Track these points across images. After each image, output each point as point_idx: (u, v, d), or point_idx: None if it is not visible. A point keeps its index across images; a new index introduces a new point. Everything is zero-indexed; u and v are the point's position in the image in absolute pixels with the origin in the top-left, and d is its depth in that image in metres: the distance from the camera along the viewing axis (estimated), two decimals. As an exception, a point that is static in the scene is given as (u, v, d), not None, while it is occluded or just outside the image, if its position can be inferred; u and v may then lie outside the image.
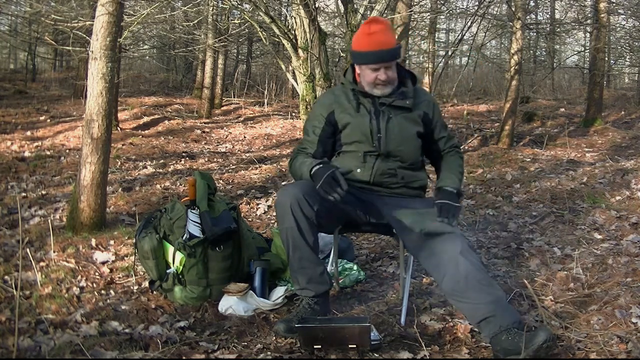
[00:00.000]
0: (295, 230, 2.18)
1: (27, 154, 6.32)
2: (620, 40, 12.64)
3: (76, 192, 3.60)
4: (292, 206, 2.16)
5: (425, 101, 2.43)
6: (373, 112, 2.35)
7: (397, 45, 2.31)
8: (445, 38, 18.00)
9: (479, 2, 7.96)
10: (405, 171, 2.38)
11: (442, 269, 2.10)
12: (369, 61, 2.30)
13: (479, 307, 2.02)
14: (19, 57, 17.28)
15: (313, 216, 2.19)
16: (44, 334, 2.17)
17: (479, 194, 4.58)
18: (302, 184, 2.26)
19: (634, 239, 3.09)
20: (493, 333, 1.99)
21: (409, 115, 2.37)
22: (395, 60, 2.33)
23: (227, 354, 2.07)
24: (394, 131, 2.34)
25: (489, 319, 2.00)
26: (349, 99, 2.40)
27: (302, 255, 2.23)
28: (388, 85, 2.34)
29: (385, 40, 2.27)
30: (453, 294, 2.08)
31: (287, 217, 2.18)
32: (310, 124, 2.46)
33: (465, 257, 2.06)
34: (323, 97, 2.57)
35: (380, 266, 3.12)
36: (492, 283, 2.09)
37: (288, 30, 5.06)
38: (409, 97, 2.37)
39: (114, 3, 3.44)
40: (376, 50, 2.27)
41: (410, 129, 2.37)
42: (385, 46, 2.27)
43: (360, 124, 2.35)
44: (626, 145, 7.60)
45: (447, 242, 2.11)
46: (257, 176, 5.69)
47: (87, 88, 3.58)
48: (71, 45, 6.38)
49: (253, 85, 13.86)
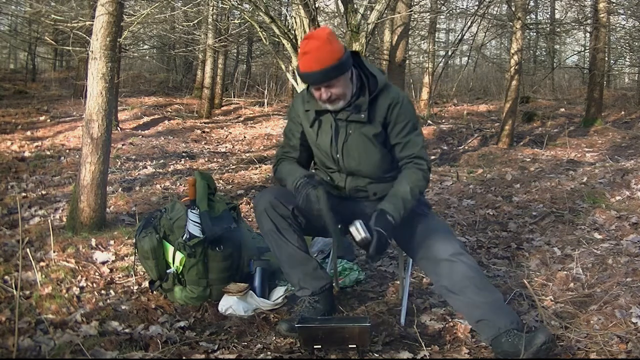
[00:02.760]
0: (274, 232, 2.22)
1: (27, 154, 6.32)
2: (620, 40, 12.65)
3: (76, 192, 3.60)
4: (267, 210, 2.21)
5: (384, 106, 2.19)
6: (334, 127, 2.21)
7: (336, 61, 2.07)
8: (445, 38, 18.01)
9: (479, 2, 7.97)
10: (377, 185, 2.27)
11: (437, 270, 2.09)
12: (308, 82, 2.14)
13: (475, 308, 2.02)
14: (19, 57, 17.29)
15: (290, 215, 2.22)
16: (44, 334, 2.17)
17: (479, 194, 4.58)
18: (275, 189, 2.28)
19: (634, 239, 3.09)
20: (492, 336, 1.99)
21: (367, 128, 2.19)
22: (335, 78, 2.10)
23: (227, 354, 2.07)
24: (352, 150, 2.21)
25: (485, 321, 2.00)
26: (310, 114, 2.27)
27: (289, 254, 2.25)
28: (337, 101, 2.16)
29: (321, 57, 2.06)
30: (449, 295, 2.09)
31: (265, 221, 2.22)
32: (289, 129, 2.37)
33: (459, 258, 2.05)
34: (296, 102, 2.38)
35: (380, 266, 3.13)
36: (488, 284, 2.09)
37: (288, 30, 5.06)
38: (363, 109, 2.17)
39: (114, 3, 3.44)
40: (311, 71, 2.08)
41: (370, 144, 2.20)
42: (320, 66, 2.06)
43: (321, 142, 2.26)
44: (626, 145, 7.60)
45: (441, 243, 2.10)
46: (257, 176, 5.69)
47: (87, 88, 3.57)
48: (71, 45, 6.37)
49: (253, 85, 13.87)
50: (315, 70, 2.08)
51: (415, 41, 13.76)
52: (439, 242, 2.11)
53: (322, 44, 2.07)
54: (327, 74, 2.08)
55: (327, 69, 2.07)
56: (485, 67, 15.15)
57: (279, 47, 10.16)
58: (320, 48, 2.07)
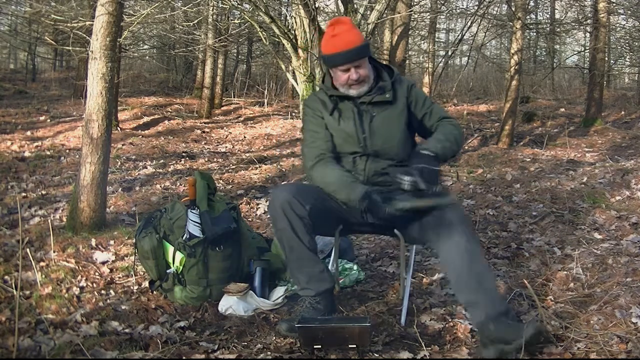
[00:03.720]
0: (289, 231, 2.19)
1: (27, 154, 6.32)
2: (620, 40, 12.65)
3: (76, 192, 3.60)
4: (284, 207, 2.17)
5: (404, 87, 2.37)
6: (356, 112, 2.32)
7: (363, 43, 2.28)
8: (445, 38, 18.01)
9: (479, 2, 7.97)
10: (396, 169, 2.32)
11: (444, 239, 2.07)
12: (338, 63, 2.27)
13: (465, 287, 2.02)
14: (19, 57, 17.30)
15: (306, 215, 2.19)
16: (44, 334, 2.17)
17: (479, 194, 4.58)
18: (294, 186, 2.28)
19: (634, 239, 3.09)
20: (479, 319, 1.99)
21: (392, 108, 2.33)
22: (364, 58, 2.29)
23: (227, 354, 2.07)
24: (378, 129, 2.31)
25: (473, 303, 2.01)
26: (327, 105, 2.36)
27: (300, 255, 2.23)
28: (363, 84, 2.30)
29: (351, 39, 2.24)
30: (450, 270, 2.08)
31: (280, 219, 2.19)
32: (314, 125, 2.39)
33: (465, 232, 2.04)
34: (309, 100, 2.47)
35: (380, 266, 3.12)
36: (484, 270, 2.06)
37: (288, 30, 5.06)
38: (387, 89, 2.32)
39: (114, 3, 3.44)
40: (342, 51, 2.24)
41: (395, 123, 2.33)
42: (351, 45, 2.24)
43: (344, 128, 2.32)
44: (626, 145, 7.60)
45: (448, 211, 2.09)
46: (257, 176, 5.69)
47: (87, 88, 3.58)
48: (71, 45, 6.38)
49: (253, 85, 13.87)
50: (346, 49, 2.24)
51: (415, 41, 13.77)
52: (445, 213, 2.10)
53: (349, 27, 2.28)
54: (359, 52, 2.25)
55: (358, 48, 2.25)
56: (485, 67, 15.15)
57: (279, 47, 10.15)
58: (349, 30, 2.26)
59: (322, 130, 2.36)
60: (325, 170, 2.30)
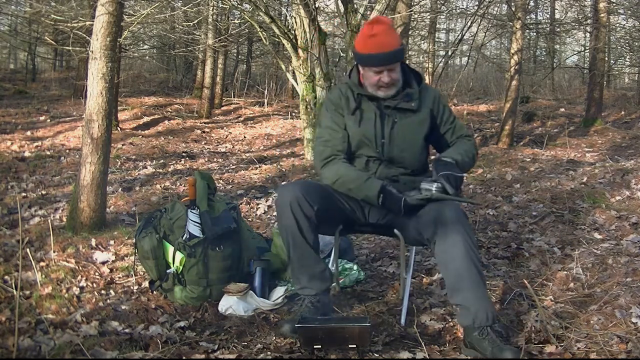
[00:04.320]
0: (295, 229, 2.18)
1: (27, 154, 6.32)
2: (620, 40, 12.64)
3: (76, 192, 3.60)
4: (292, 205, 2.15)
5: (430, 97, 2.36)
6: (378, 115, 2.29)
7: (400, 47, 2.25)
8: (445, 38, 18.01)
9: (479, 2, 7.97)
10: (408, 177, 2.33)
11: (442, 235, 2.07)
12: (372, 64, 2.24)
13: (458, 288, 2.04)
14: (19, 57, 17.29)
15: (313, 215, 2.17)
16: (44, 334, 2.17)
17: (479, 194, 4.58)
18: (303, 183, 2.27)
19: (634, 239, 3.09)
20: (466, 324, 2.04)
21: (415, 117, 2.31)
22: (398, 62, 2.27)
23: (227, 354, 2.07)
24: (398, 137, 2.29)
25: (464, 307, 2.03)
26: (351, 103, 2.34)
27: (303, 253, 2.23)
28: (392, 87, 2.28)
29: (388, 41, 2.21)
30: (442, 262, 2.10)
31: (287, 216, 2.17)
32: (334, 122, 2.35)
33: (464, 227, 2.05)
34: (333, 95, 2.43)
35: (380, 266, 3.12)
36: (478, 277, 2.04)
37: (288, 30, 5.06)
38: (414, 98, 2.31)
39: (114, 3, 3.44)
40: (378, 52, 2.21)
41: (416, 133, 2.32)
42: (388, 48, 2.20)
43: (364, 128, 2.30)
44: (626, 145, 7.60)
45: (447, 209, 2.09)
46: (257, 176, 5.69)
47: (87, 88, 3.58)
48: (71, 45, 6.38)
49: (253, 85, 13.87)
50: (383, 51, 2.21)
51: (415, 41, 13.76)
52: (444, 208, 2.11)
53: (388, 28, 2.24)
54: (395, 55, 2.23)
55: (395, 51, 2.22)
56: (485, 67, 15.14)
57: (279, 47, 10.16)
58: (388, 32, 2.23)
59: (340, 130, 2.33)
60: (339, 169, 2.28)
